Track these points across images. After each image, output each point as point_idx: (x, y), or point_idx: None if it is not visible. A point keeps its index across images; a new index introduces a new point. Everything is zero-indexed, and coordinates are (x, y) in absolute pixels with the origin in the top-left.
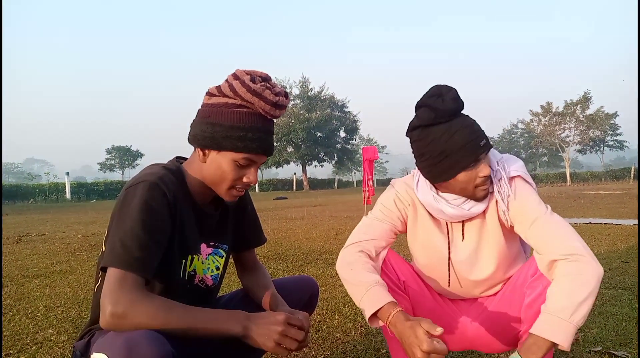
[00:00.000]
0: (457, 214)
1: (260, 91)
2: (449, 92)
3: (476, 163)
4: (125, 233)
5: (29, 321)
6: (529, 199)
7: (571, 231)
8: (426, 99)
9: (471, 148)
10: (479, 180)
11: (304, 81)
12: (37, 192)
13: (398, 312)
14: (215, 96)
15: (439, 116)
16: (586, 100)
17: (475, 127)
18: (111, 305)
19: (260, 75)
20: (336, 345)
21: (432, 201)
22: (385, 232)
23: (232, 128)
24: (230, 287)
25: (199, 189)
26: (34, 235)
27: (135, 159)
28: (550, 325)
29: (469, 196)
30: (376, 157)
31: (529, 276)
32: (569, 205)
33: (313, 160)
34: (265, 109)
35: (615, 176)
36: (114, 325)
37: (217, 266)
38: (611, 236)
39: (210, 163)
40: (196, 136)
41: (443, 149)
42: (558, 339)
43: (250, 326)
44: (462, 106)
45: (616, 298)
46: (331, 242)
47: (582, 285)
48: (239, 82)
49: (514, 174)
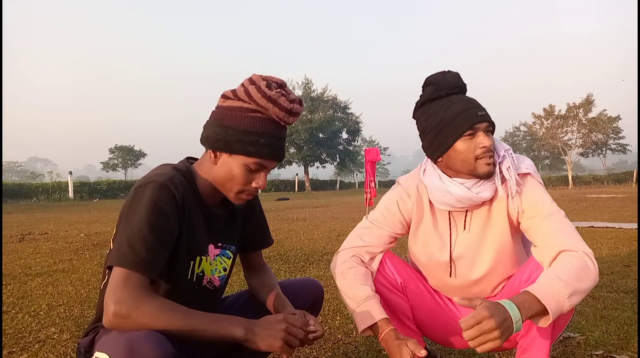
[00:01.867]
0: (463, 196)
1: (276, 97)
2: (450, 72)
3: (474, 131)
4: (132, 233)
5: (32, 319)
6: (544, 196)
7: (580, 237)
8: (430, 77)
9: (468, 115)
10: (479, 151)
11: (307, 82)
12: (40, 191)
13: (390, 330)
14: (230, 99)
15: (439, 89)
16: (589, 103)
17: (475, 101)
18: (114, 304)
19: (276, 81)
20: (338, 346)
21: (438, 182)
22: (382, 238)
23: (245, 132)
24: (233, 288)
25: (209, 191)
26: (37, 233)
27: (138, 158)
28: (549, 291)
29: (471, 171)
30: (378, 159)
31: (524, 281)
32: (571, 208)
33: (315, 161)
34: (279, 115)
35: (618, 179)
36: (117, 325)
37: (224, 268)
38: (613, 239)
39: (221, 165)
40: (209, 138)
41: (441, 119)
42: (551, 304)
43: (254, 329)
44: (463, 85)
45: (618, 301)
46: (333, 243)
47: (587, 278)
48: (255, 87)
49: (525, 171)
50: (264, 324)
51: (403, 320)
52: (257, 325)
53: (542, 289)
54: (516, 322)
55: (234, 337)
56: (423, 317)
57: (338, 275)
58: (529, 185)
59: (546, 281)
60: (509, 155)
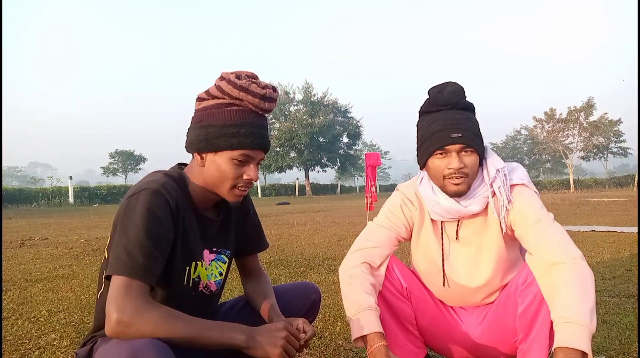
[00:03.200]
0: (451, 208)
1: (247, 85)
2: (449, 87)
3: (445, 153)
4: (129, 241)
5: (32, 325)
6: (532, 203)
7: (570, 239)
8: (431, 88)
9: (440, 136)
10: (447, 171)
11: (307, 86)
12: (40, 196)
13: (381, 345)
14: (205, 100)
15: (431, 105)
16: (590, 107)
17: (458, 121)
18: (117, 312)
19: (246, 73)
20: (338, 352)
21: (430, 193)
22: (389, 240)
23: (224, 127)
24: (233, 293)
25: (201, 195)
26: (37, 238)
27: (138, 163)
28: (577, 334)
29: (442, 188)
30: (379, 163)
31: (520, 284)
32: (572, 212)
33: (316, 165)
34: (254, 103)
35: (619, 183)
36: (120, 333)
37: (220, 272)
38: (615, 243)
39: (209, 165)
40: (192, 142)
41: (422, 135)
42: (586, 347)
43: (254, 336)
44: (460, 101)
45: (620, 306)
46: (334, 248)
47: (588, 291)
48: (226, 81)
49: (518, 182)
50: (265, 332)
51: (407, 325)
52: (258, 333)
53: (571, 337)
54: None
55: (236, 344)
56: (426, 324)
57: (346, 278)
58: (520, 195)
59: (569, 327)
60: (501, 174)
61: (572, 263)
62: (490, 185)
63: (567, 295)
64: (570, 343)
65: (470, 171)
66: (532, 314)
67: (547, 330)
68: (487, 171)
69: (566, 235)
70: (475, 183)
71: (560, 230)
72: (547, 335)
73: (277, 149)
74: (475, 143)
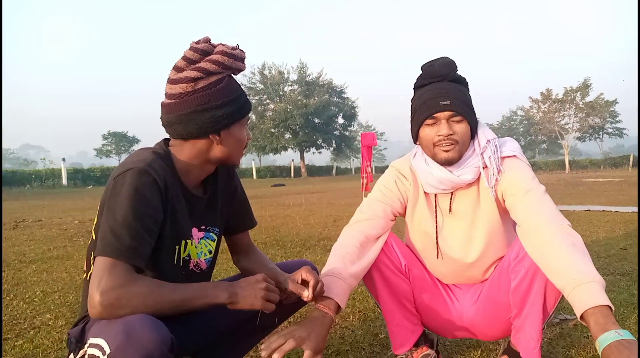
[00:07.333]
0: (444, 178)
1: (235, 52)
2: (441, 60)
3: (435, 120)
4: (115, 222)
5: (27, 306)
6: (522, 173)
7: (559, 212)
8: (423, 64)
9: (430, 104)
10: (436, 138)
11: (302, 66)
12: (34, 178)
13: (327, 315)
14: (201, 79)
15: (423, 78)
16: (586, 87)
17: (447, 90)
18: (100, 295)
19: (205, 39)
20: (334, 330)
21: (423, 165)
22: (385, 212)
23: (236, 98)
24: (228, 272)
25: (188, 173)
26: (31, 220)
27: (131, 145)
28: (597, 292)
29: (433, 157)
30: (375, 143)
31: (512, 260)
32: (567, 192)
33: (311, 147)
34: (240, 67)
35: (614, 163)
36: (106, 314)
37: (209, 250)
38: (610, 223)
39: (227, 140)
40: (204, 125)
41: (414, 107)
42: (609, 301)
43: (236, 291)
44: (450, 74)
45: (614, 284)
46: (329, 228)
47: (586, 252)
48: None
49: (509, 154)
50: (244, 285)
51: (404, 303)
52: (239, 287)
53: (595, 296)
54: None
55: (220, 301)
56: (423, 302)
57: (337, 244)
58: (511, 166)
59: (588, 287)
60: (492, 145)
61: (564, 230)
62: (481, 155)
63: (570, 259)
64: (595, 302)
65: (461, 139)
66: (524, 289)
67: (541, 305)
68: (478, 142)
69: (556, 207)
70: (467, 153)
71: (551, 202)
72: (541, 309)
73: (272, 131)
74: (464, 111)
